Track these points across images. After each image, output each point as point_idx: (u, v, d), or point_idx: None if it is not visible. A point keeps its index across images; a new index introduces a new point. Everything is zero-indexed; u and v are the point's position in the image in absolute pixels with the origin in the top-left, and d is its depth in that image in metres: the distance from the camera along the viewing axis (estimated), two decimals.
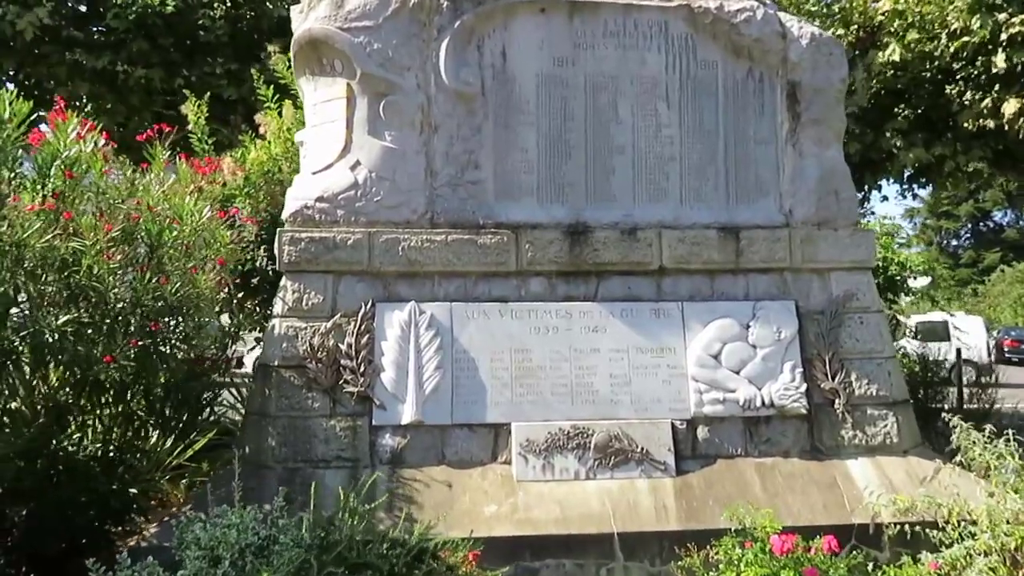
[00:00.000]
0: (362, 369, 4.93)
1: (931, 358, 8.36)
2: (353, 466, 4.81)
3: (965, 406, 8.16)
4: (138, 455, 5.12)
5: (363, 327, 5.00)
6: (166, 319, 4.73)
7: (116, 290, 4.44)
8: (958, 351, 10.65)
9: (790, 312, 5.30)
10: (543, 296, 5.25)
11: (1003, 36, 9.51)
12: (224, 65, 10.15)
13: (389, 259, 5.11)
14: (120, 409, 5.12)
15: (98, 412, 5.17)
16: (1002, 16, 9.42)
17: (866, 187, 14.39)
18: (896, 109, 11.99)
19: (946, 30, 10.45)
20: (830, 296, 5.41)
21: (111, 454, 5.08)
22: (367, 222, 5.14)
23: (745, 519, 4.08)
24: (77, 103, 11.37)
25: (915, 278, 10.08)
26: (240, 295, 6.34)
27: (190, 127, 7.41)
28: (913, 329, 10.33)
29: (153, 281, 4.48)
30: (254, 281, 6.33)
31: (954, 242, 43.25)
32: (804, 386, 5.16)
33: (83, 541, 4.35)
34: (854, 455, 5.13)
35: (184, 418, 5.20)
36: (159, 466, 4.87)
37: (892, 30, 11.10)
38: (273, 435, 4.83)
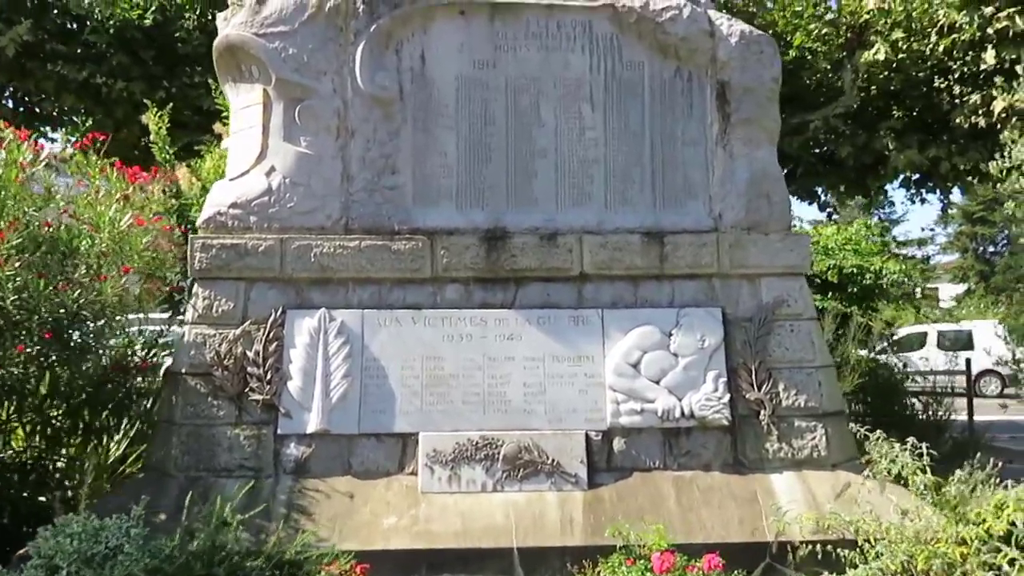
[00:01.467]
0: (269, 377, 4.87)
1: (907, 368, 8.04)
2: (256, 475, 4.74)
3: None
4: (59, 462, 5.14)
5: (272, 334, 4.94)
6: (67, 326, 4.71)
7: (13, 298, 4.44)
8: (967, 361, 10.25)
9: (715, 319, 5.11)
10: (459, 303, 5.14)
11: (990, 31, 9.17)
12: (202, 76, 10.24)
13: (301, 266, 5.05)
14: (41, 417, 5.15)
15: (23, 420, 5.21)
16: (988, 10, 9.08)
17: (872, 192, 14.03)
18: (892, 111, 11.69)
19: (935, 27, 10.13)
20: (760, 303, 5.21)
21: (28, 462, 5.11)
22: (280, 228, 5.09)
23: (630, 536, 3.91)
24: (70, 117, 11.70)
25: (910, 285, 9.70)
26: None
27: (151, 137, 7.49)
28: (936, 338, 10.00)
29: (49, 289, 4.47)
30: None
31: (991, 248, 42.00)
32: (727, 396, 4.96)
33: None
34: (779, 469, 4.92)
35: (108, 424, 5.20)
36: (77, 472, 4.87)
37: (879, 29, 10.80)
38: (177, 443, 4.79)
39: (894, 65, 11.29)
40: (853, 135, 12.02)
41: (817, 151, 14.58)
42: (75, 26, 10.24)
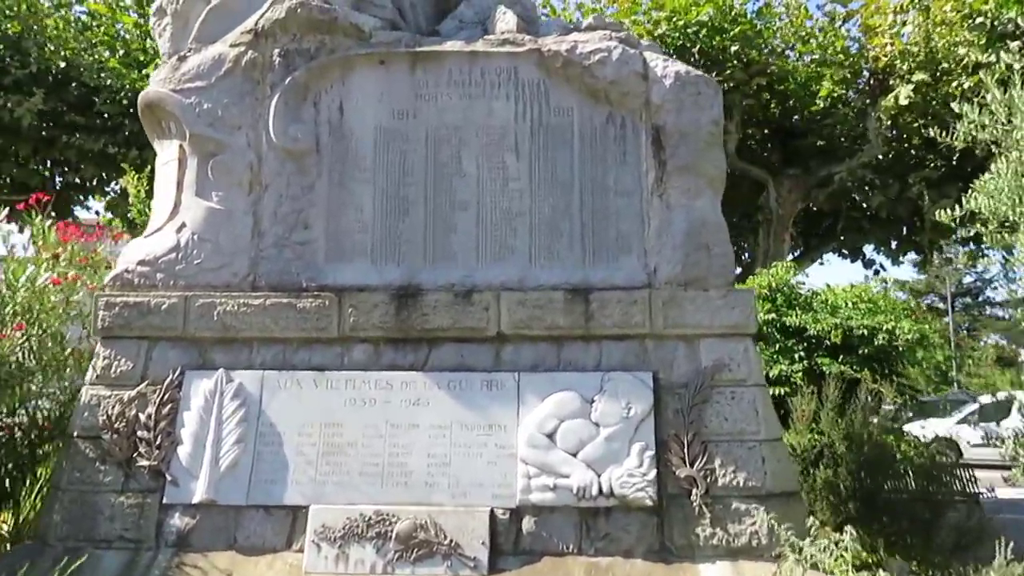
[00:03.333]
0: (158, 442, 4.60)
1: (931, 444, 7.18)
2: (136, 548, 4.43)
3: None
4: None
5: (167, 396, 4.69)
6: None
7: None
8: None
9: (644, 385, 4.59)
10: (366, 365, 4.79)
11: (1018, 66, 8.45)
12: None
13: (204, 324, 4.83)
14: None
15: None
16: (1015, 44, 8.39)
17: (925, 247, 13.11)
18: (927, 159, 10.95)
19: (960, 65, 9.46)
20: (698, 367, 4.67)
21: None
22: (185, 285, 4.90)
23: None
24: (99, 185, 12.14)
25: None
26: None
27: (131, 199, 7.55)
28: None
29: None
30: None
31: None
32: (654, 472, 4.41)
33: None
34: (711, 558, 4.29)
35: (6, 491, 5.04)
36: None
37: (900, 74, 10.17)
38: (59, 510, 4.54)
39: (929, 113, 10.61)
40: (884, 186, 11.30)
41: (864, 206, 13.84)
42: (88, 96, 10.65)
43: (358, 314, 4.79)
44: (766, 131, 12.93)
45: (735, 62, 11.48)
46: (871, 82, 11.15)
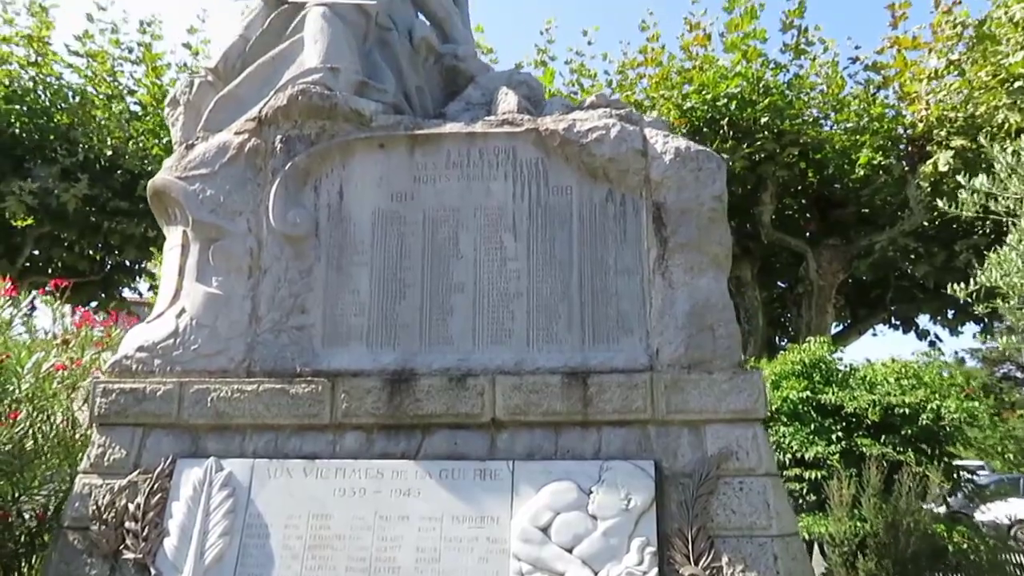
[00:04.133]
0: (146, 533, 4.50)
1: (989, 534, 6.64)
2: None
3: None
4: None
5: (157, 486, 4.61)
6: None
7: None
8: None
9: (645, 474, 4.33)
10: (358, 453, 4.65)
11: None
12: None
13: (199, 411, 4.78)
14: None
15: None
16: None
17: (983, 316, 12.50)
18: (975, 226, 10.51)
19: (1001, 129, 9.12)
20: (704, 455, 4.40)
21: None
22: (182, 371, 4.88)
23: None
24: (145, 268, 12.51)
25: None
26: None
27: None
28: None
29: None
30: None
31: None
32: (655, 571, 4.10)
33: None
34: None
35: None
36: None
37: (939, 139, 9.85)
38: None
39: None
40: (929, 254, 10.85)
41: (917, 275, 13.33)
42: (130, 182, 11.06)
43: (351, 400, 4.69)
44: (803, 201, 12.67)
45: (766, 133, 11.35)
46: (910, 149, 10.85)
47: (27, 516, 5.10)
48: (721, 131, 11.47)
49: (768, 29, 12.56)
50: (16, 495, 5.08)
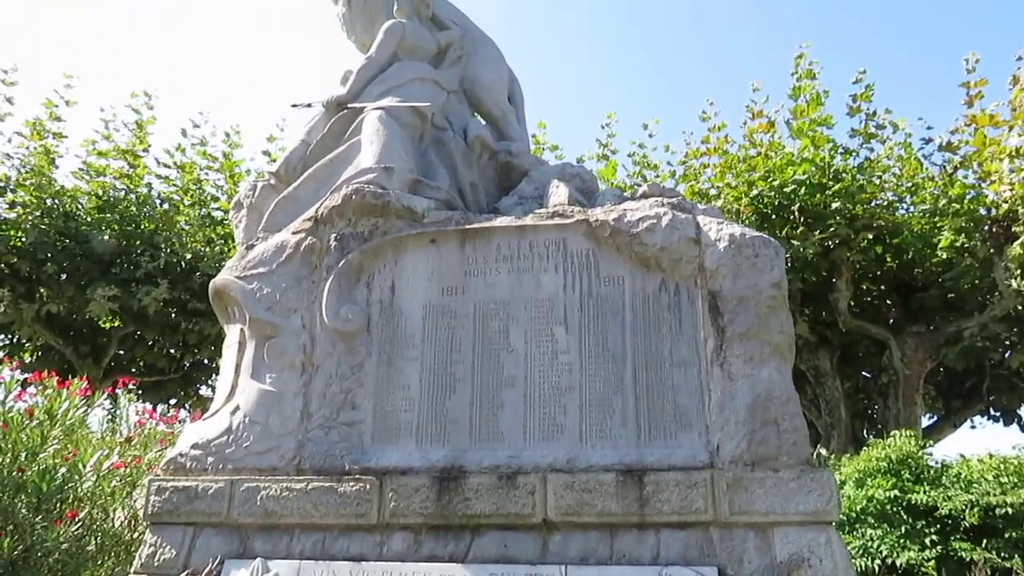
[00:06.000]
0: None
1: None
2: None
3: None
4: None
5: None
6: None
7: None
8: None
9: None
10: (405, 554, 4.48)
11: None
12: None
13: (248, 510, 4.72)
14: None
15: None
16: None
17: None
18: None
19: None
20: (772, 561, 4.06)
21: None
22: (233, 469, 4.87)
23: None
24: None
25: None
26: None
27: None
28: None
29: None
30: None
31: None
32: None
33: None
34: None
35: None
36: None
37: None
38: None
39: None
40: (1023, 342, 10.13)
41: (1012, 366, 12.48)
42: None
43: (399, 499, 4.56)
44: (882, 287, 12.15)
45: (838, 218, 11.05)
46: (994, 230, 10.34)
47: None
48: (791, 217, 11.23)
49: (835, 114, 12.43)
50: None
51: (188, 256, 11.24)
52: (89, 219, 11.37)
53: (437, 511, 4.49)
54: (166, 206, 11.94)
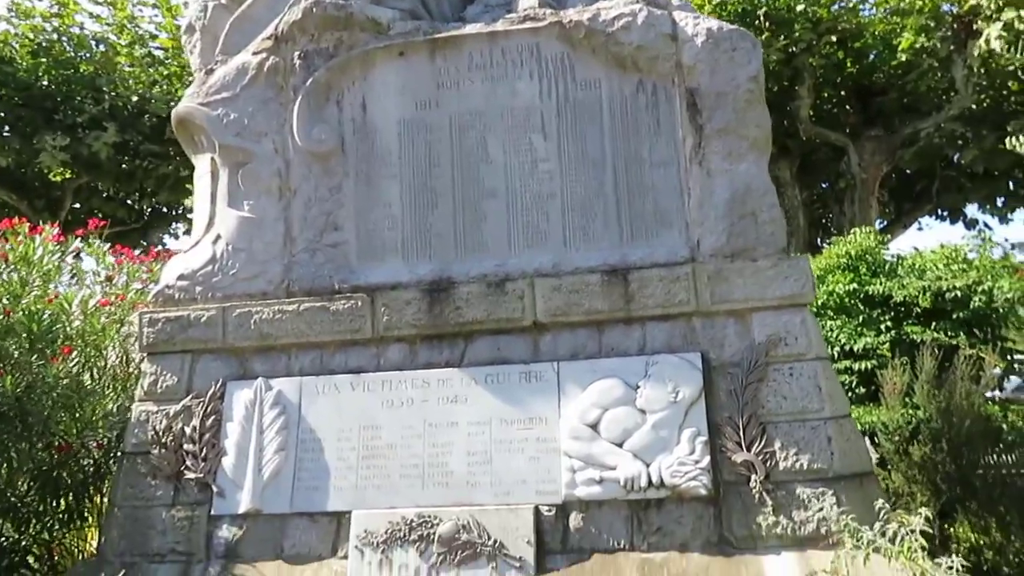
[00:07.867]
0: (204, 453, 4.62)
1: None
2: (187, 561, 4.45)
3: None
4: (32, 547, 5.15)
5: (210, 408, 4.71)
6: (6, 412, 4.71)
7: None
8: None
9: (691, 366, 4.27)
10: (402, 364, 4.67)
11: None
12: None
13: (243, 334, 4.82)
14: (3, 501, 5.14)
15: None
16: None
17: None
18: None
19: None
20: (752, 343, 4.31)
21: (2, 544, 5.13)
22: (223, 296, 4.91)
23: None
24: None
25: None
26: None
27: None
28: None
29: None
30: None
31: None
32: (707, 459, 4.09)
33: None
34: (775, 549, 3.94)
35: (74, 507, 5.18)
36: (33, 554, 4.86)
37: (988, 14, 9.29)
38: (116, 526, 4.61)
39: None
40: (978, 139, 10.38)
41: (965, 162, 12.82)
42: (163, 126, 11.05)
43: (391, 312, 4.68)
44: (843, 93, 12.16)
45: (803, 22, 10.84)
46: (956, 27, 10.27)
47: (91, 447, 5.24)
48: (757, 22, 10.97)
49: None
50: (79, 428, 5.21)
51: (135, 99, 10.70)
52: (25, 65, 10.65)
53: (429, 321, 4.63)
54: (103, 47, 11.19)
